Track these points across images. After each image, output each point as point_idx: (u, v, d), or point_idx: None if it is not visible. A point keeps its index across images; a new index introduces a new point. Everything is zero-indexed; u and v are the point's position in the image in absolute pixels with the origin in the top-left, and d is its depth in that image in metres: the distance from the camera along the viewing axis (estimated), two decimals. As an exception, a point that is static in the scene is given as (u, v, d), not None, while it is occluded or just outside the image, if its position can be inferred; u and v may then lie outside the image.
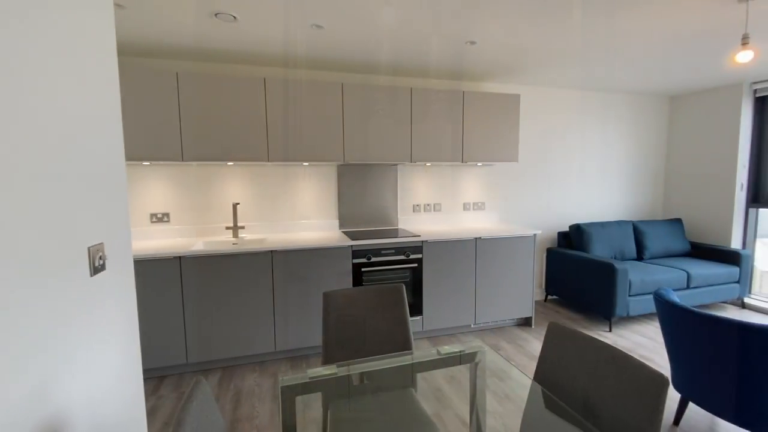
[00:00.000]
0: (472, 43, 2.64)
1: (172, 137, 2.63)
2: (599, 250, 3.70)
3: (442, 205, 3.73)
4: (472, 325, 3.29)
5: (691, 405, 2.23)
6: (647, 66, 3.20)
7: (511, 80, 3.68)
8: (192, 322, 2.56)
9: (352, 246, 2.84)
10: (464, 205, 3.81)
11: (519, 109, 3.41)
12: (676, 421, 2.05)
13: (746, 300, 3.84)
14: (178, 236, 3.02)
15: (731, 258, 3.70)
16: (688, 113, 4.27)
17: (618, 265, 3.18)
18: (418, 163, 3.23)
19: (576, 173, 4.18)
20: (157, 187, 2.98)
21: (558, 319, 3.56)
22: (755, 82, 3.72)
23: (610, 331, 3.28)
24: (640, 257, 3.92)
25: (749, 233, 3.91)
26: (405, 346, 1.69)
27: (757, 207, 3.84)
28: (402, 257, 2.99)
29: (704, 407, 1.85)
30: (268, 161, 2.83)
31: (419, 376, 1.50)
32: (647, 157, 4.46)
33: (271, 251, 2.67)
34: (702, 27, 2.38)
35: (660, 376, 0.99)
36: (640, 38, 2.57)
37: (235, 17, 2.18)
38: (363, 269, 2.88)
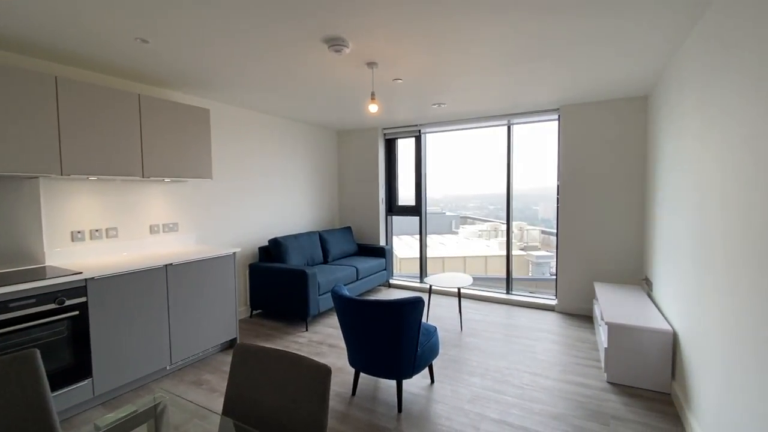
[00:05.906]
0: (144, 41, 2.29)
1: None
2: (295, 260, 4.12)
3: (119, 230, 3.03)
4: (168, 367, 2.83)
5: (362, 374, 2.83)
6: (317, 104, 3.88)
7: (204, 94, 3.50)
8: None
9: (-61, 306, 1.79)
10: (151, 227, 3.26)
11: (209, 123, 3.28)
12: (354, 391, 2.55)
13: (391, 281, 5.36)
14: None
15: (380, 252, 5.08)
16: (349, 146, 5.54)
17: (309, 270, 3.65)
18: (74, 176, 2.47)
19: (271, 190, 4.49)
20: None
21: (262, 331, 3.67)
22: (384, 128, 5.29)
23: (307, 330, 3.71)
24: (325, 261, 4.67)
25: (389, 233, 5.52)
26: (46, 434, 1.20)
27: (392, 215, 5.49)
28: (52, 306, 2.17)
29: (368, 373, 2.39)
30: None
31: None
32: (326, 177, 5.42)
33: None
34: (348, 82, 3.11)
35: (324, 368, 1.15)
36: (309, 81, 3.06)
37: None
38: (-31, 338, 1.87)
